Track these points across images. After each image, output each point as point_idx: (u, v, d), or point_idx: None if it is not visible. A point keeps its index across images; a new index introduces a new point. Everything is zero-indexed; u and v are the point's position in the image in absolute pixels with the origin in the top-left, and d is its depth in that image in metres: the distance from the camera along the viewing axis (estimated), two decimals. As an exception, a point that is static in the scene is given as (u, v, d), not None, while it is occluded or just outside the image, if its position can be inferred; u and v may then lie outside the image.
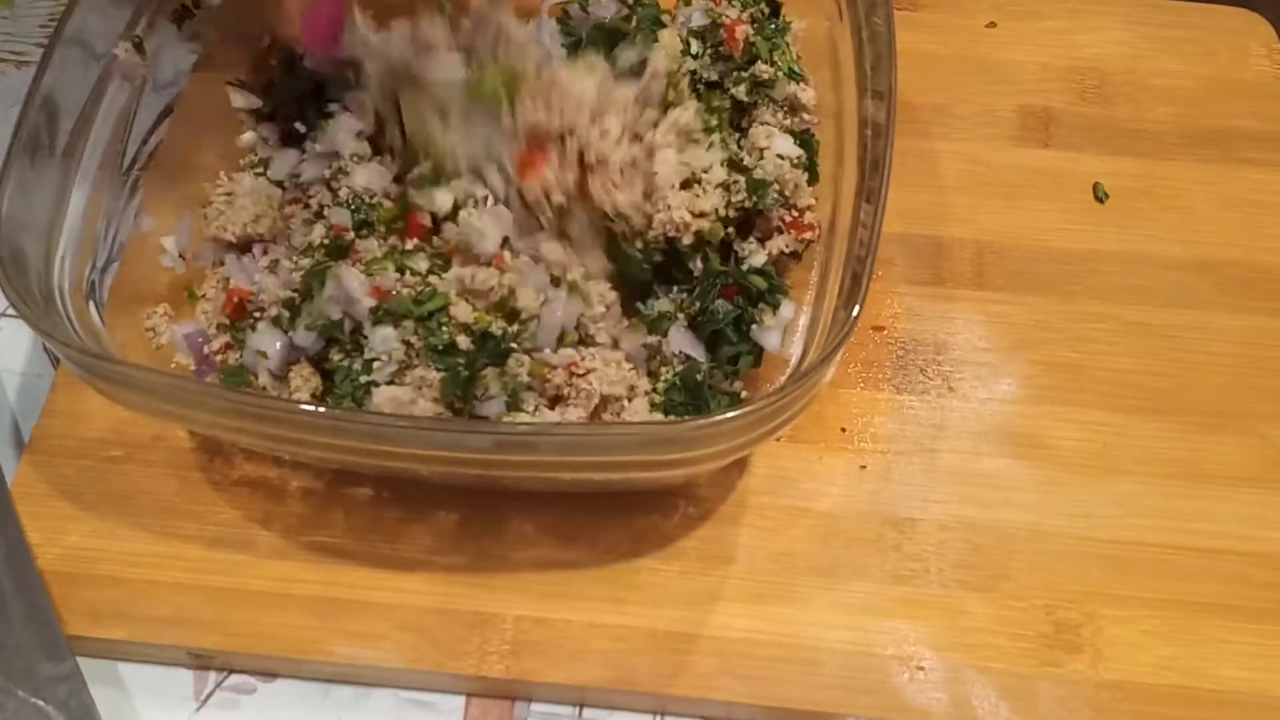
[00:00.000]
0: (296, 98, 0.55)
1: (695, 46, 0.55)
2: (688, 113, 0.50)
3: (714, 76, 0.55)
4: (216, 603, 0.47)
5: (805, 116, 0.54)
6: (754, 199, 0.50)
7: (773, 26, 0.55)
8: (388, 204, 0.51)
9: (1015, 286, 0.54)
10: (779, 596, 0.47)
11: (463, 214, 0.49)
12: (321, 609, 0.46)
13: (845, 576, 0.47)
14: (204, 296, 0.52)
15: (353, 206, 0.50)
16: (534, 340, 0.47)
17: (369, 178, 0.51)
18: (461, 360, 0.46)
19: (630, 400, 0.48)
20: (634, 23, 0.55)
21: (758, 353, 0.49)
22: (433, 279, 0.48)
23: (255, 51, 0.57)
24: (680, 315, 0.49)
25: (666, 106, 0.51)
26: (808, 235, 0.51)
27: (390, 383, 0.46)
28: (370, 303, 0.47)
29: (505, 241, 0.49)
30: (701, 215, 0.49)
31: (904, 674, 0.45)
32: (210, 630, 0.46)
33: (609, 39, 0.54)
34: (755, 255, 0.50)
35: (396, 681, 0.46)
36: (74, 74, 0.51)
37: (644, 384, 0.48)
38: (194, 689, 0.47)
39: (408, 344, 0.46)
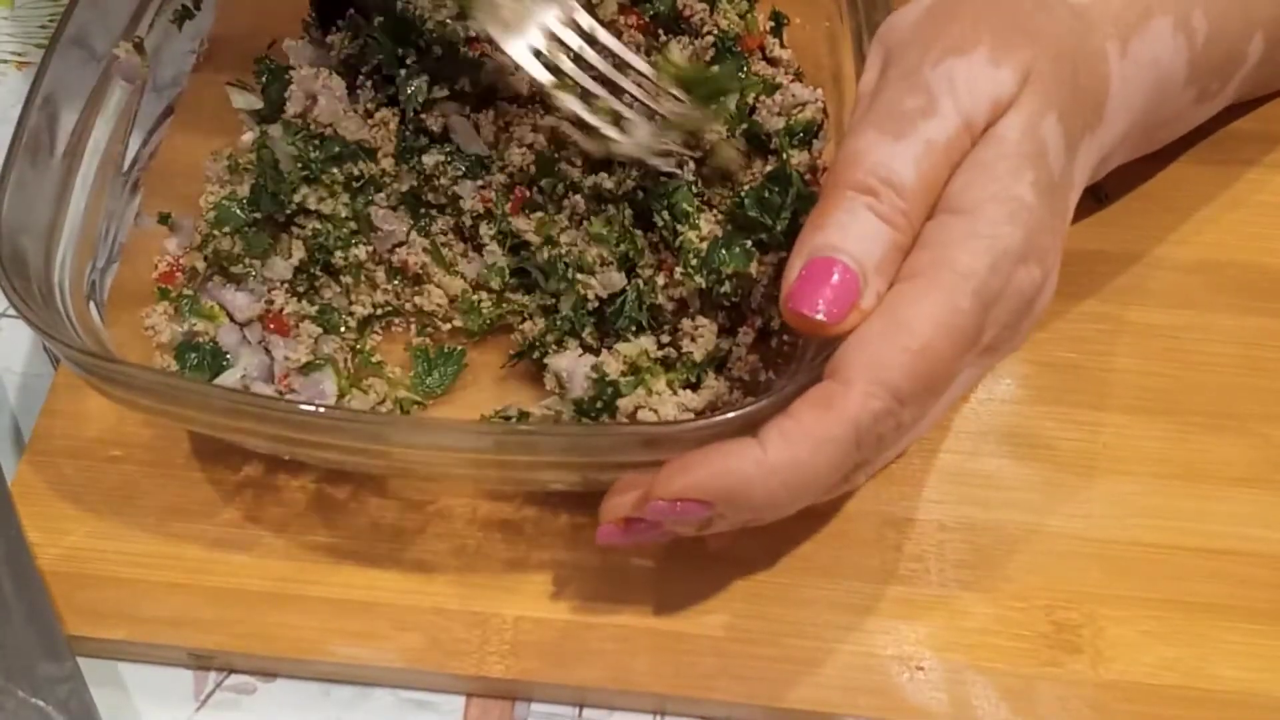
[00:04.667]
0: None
1: None
2: None
3: None
4: (216, 603, 0.47)
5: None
6: None
7: None
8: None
9: (1015, 287, 0.54)
10: (778, 596, 0.46)
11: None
12: (321, 609, 0.46)
13: (845, 576, 0.47)
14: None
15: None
16: None
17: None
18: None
19: None
20: None
21: None
22: None
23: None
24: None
25: None
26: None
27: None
28: None
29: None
30: None
31: (904, 674, 0.45)
32: (210, 630, 0.46)
33: None
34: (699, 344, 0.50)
35: (396, 681, 0.46)
36: (74, 75, 0.51)
37: None
38: (194, 689, 0.47)
39: None
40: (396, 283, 0.52)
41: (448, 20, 0.55)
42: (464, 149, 0.53)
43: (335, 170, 0.52)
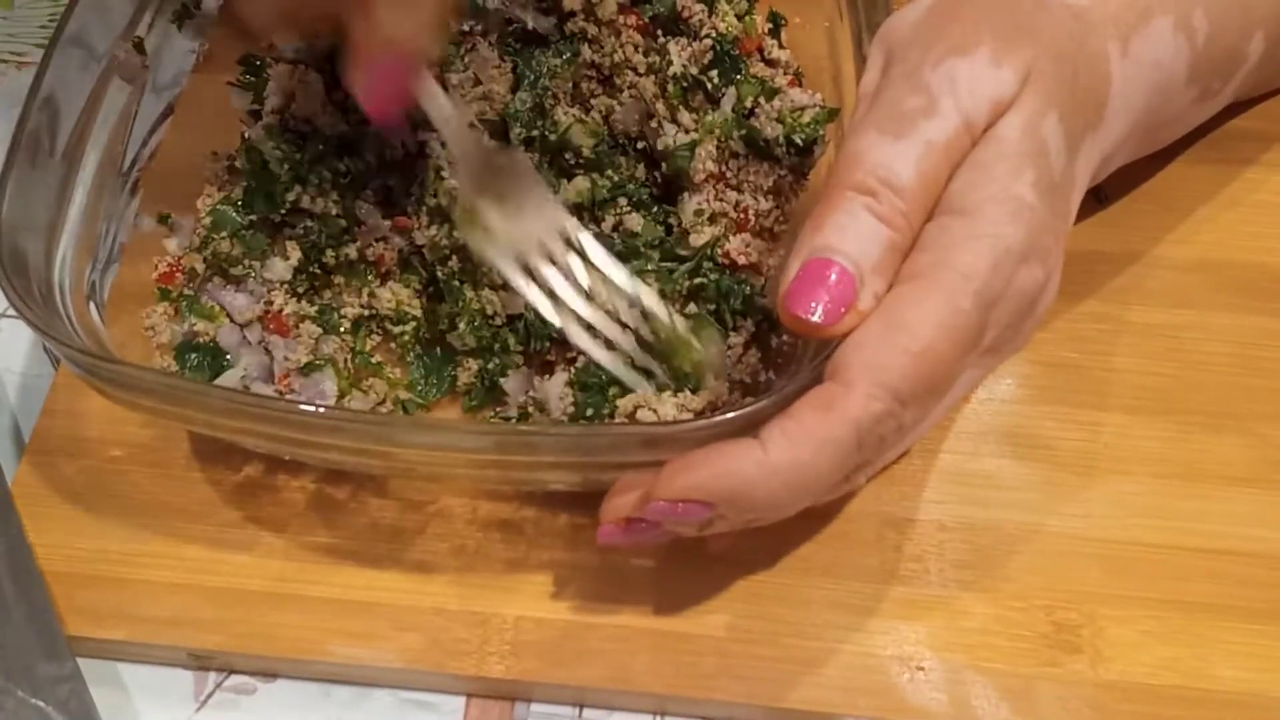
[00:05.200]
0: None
1: None
2: None
3: None
4: (216, 603, 0.47)
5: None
6: None
7: None
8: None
9: (1015, 287, 0.54)
10: (779, 597, 0.47)
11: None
12: (321, 609, 0.46)
13: (845, 576, 0.47)
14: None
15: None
16: None
17: None
18: None
19: None
20: None
21: None
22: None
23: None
24: None
25: None
26: None
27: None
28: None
29: None
30: None
31: (904, 674, 0.45)
32: (210, 630, 0.46)
33: None
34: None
35: (396, 682, 0.46)
36: (74, 74, 0.51)
37: None
38: (194, 689, 0.47)
39: None
40: (373, 281, 0.52)
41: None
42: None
43: (322, 168, 0.52)
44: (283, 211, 0.52)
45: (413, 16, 0.43)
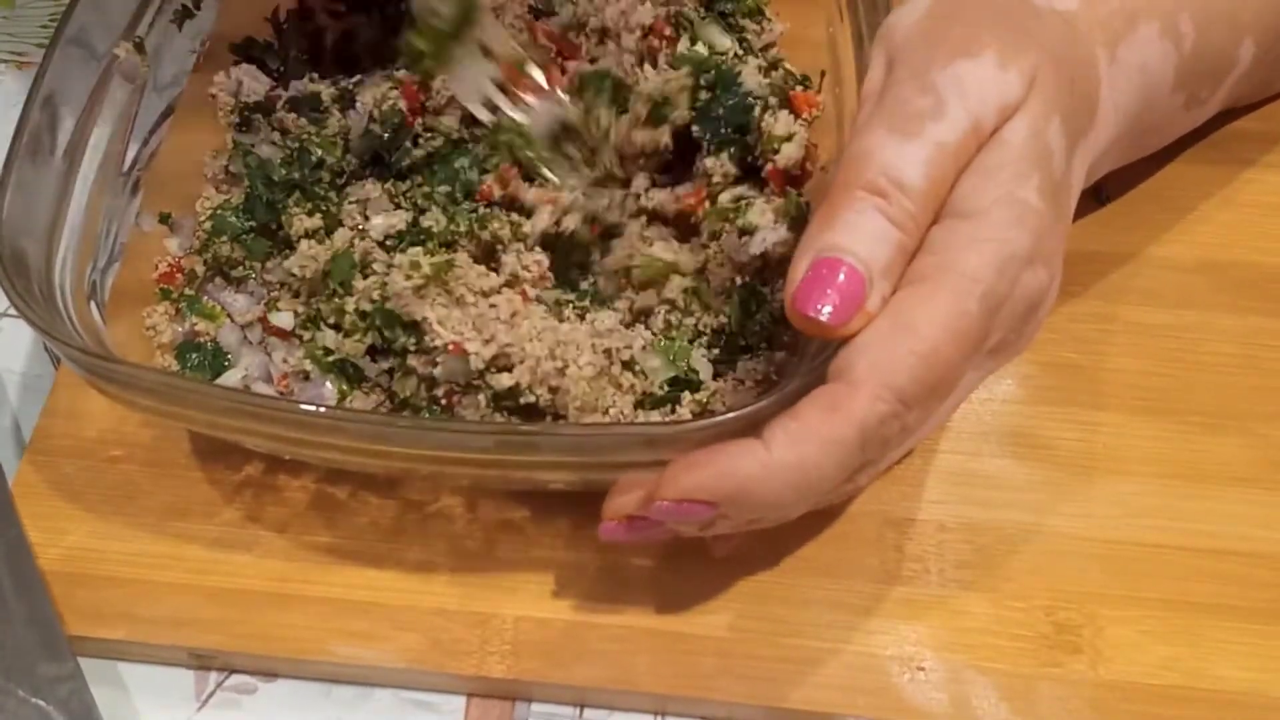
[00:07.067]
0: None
1: None
2: None
3: None
4: (217, 603, 0.47)
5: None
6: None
7: None
8: None
9: (1015, 287, 0.54)
10: (779, 596, 0.47)
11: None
12: (322, 609, 0.46)
13: (845, 576, 0.47)
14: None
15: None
16: None
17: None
18: None
19: None
20: None
21: None
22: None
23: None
24: None
25: None
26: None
27: None
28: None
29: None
30: None
31: (904, 674, 0.45)
32: (210, 630, 0.46)
33: None
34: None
35: (397, 681, 0.46)
36: (75, 74, 0.51)
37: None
38: (194, 689, 0.47)
39: None
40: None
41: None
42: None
43: (320, 171, 0.52)
44: (282, 218, 0.52)
45: None
